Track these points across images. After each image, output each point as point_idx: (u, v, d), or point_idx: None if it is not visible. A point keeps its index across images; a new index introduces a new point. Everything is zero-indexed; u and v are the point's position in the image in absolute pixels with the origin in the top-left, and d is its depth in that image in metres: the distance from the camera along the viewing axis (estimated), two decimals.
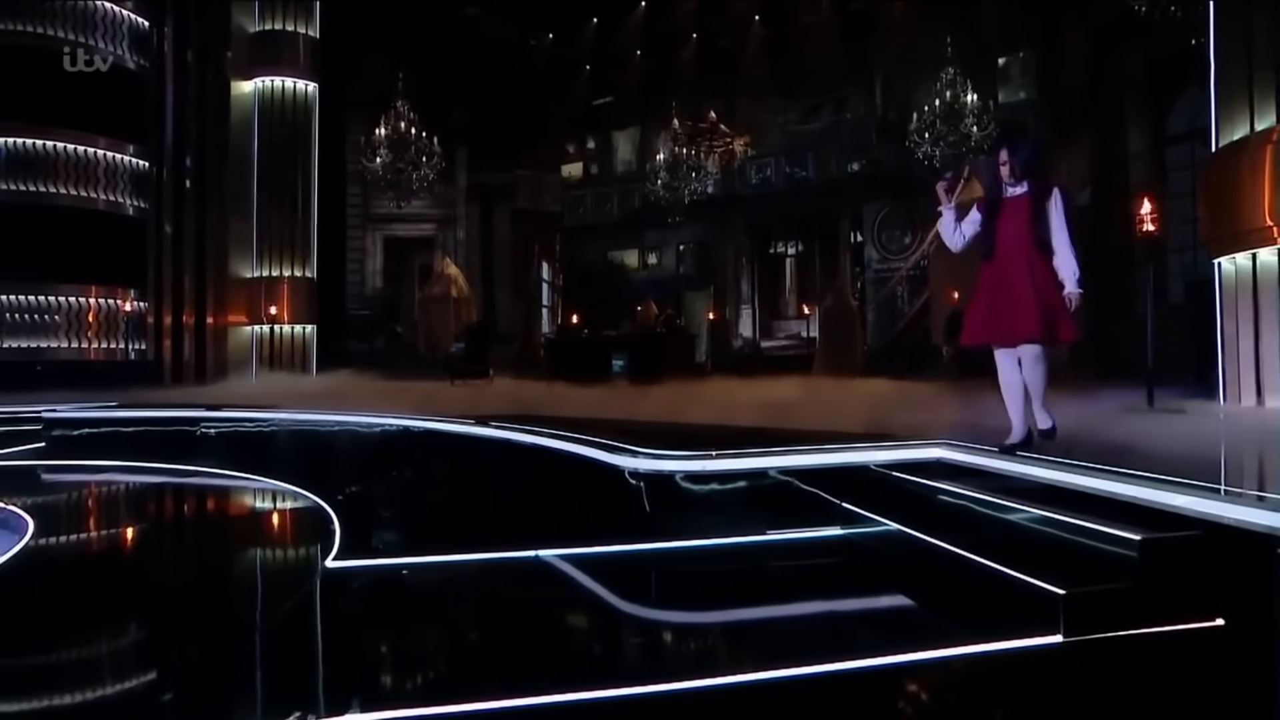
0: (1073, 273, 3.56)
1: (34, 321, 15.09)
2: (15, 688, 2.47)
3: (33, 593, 3.37)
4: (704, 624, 2.91)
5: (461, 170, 20.31)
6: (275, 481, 5.62)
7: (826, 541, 3.51)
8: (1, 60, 14.91)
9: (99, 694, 2.48)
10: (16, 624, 2.96)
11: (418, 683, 2.43)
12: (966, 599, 2.74)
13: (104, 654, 2.83)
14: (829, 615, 2.93)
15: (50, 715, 2.28)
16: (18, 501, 4.74)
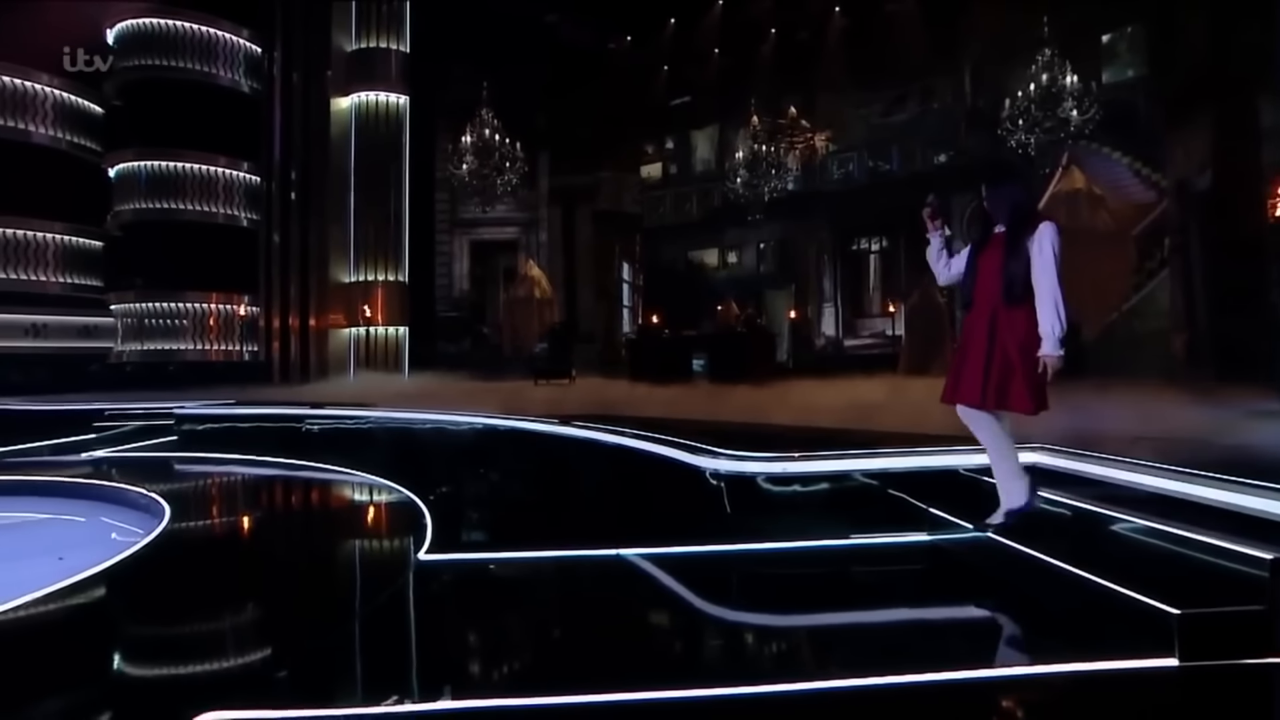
0: (1050, 329, 2.96)
1: (167, 326, 16.60)
2: (154, 654, 2.80)
3: (170, 570, 3.70)
4: (785, 627, 2.86)
5: (543, 174, 20.75)
6: (371, 476, 5.91)
7: (913, 547, 3.38)
8: (141, 93, 16.58)
9: (221, 665, 2.71)
10: (157, 597, 3.34)
11: (502, 674, 2.51)
12: (1066, 614, 2.59)
13: (226, 629, 3.08)
14: (916, 624, 2.82)
15: (181, 681, 2.50)
16: (157, 488, 5.22)
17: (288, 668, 2.45)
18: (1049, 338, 2.96)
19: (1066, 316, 2.97)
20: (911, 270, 17.81)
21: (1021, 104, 13.09)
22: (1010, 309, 3.04)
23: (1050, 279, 2.98)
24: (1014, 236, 3.08)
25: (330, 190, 16.46)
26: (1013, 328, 3.05)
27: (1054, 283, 2.97)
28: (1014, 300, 3.03)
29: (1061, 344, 2.97)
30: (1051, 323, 2.96)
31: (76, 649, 2.79)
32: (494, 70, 17.42)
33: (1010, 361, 3.04)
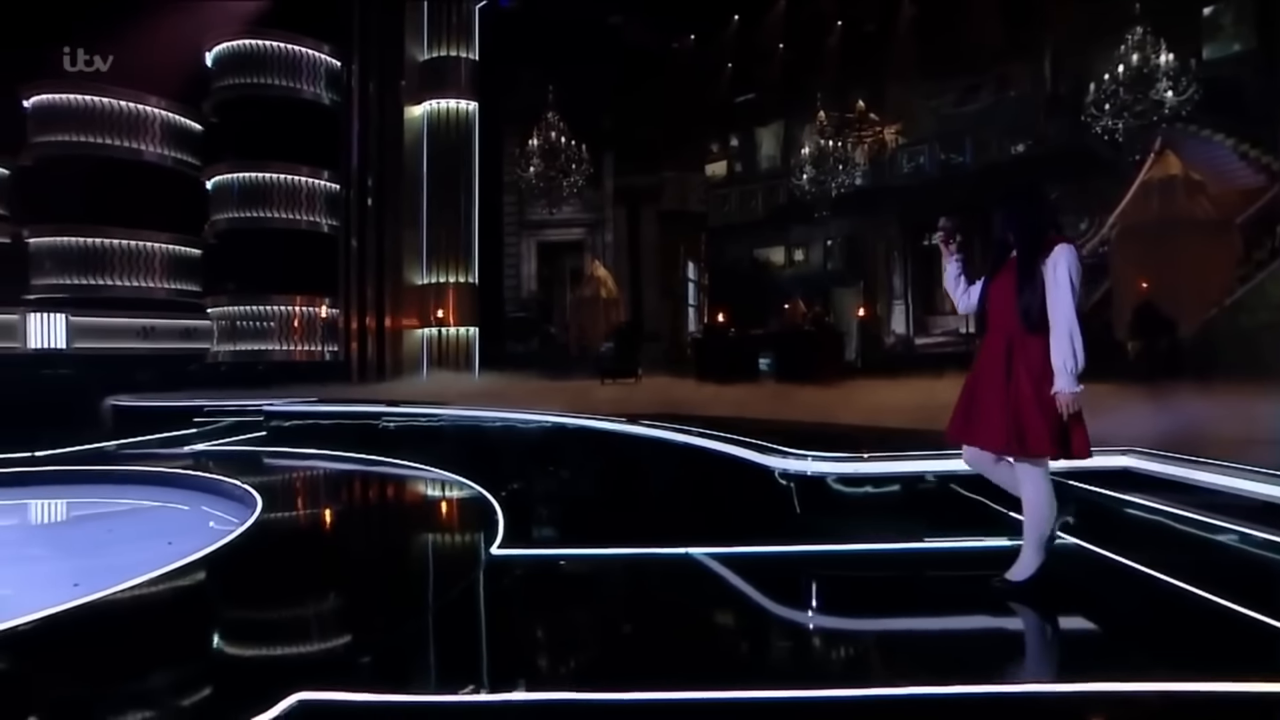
0: (1062, 364, 2.69)
1: (256, 328, 17.69)
2: (249, 635, 2.99)
3: (262, 558, 3.93)
4: (856, 631, 2.83)
5: (609, 175, 20.93)
6: (445, 472, 6.11)
7: (992, 552, 3.27)
8: (235, 109, 17.76)
9: (308, 649, 2.87)
10: (251, 583, 3.56)
11: (571, 668, 2.55)
12: (1161, 627, 2.47)
13: (313, 615, 3.26)
14: (996, 632, 2.73)
15: (273, 662, 2.67)
16: (249, 481, 5.55)
17: (370, 654, 2.57)
18: (1061, 372, 2.70)
19: (1084, 347, 2.70)
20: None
21: (1109, 87, 12.37)
22: (1027, 339, 2.79)
23: (1065, 307, 2.73)
24: (1027, 260, 2.84)
25: (404, 195, 17.06)
26: (1028, 360, 2.78)
27: (1069, 311, 2.72)
28: (1032, 329, 2.78)
29: (1077, 379, 2.70)
30: (1065, 356, 2.70)
31: (182, 627, 3.01)
32: (559, 74, 17.69)
33: (1025, 399, 2.76)
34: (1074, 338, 2.70)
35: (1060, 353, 2.71)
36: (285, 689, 2.07)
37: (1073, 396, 2.70)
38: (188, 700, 2.35)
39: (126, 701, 2.27)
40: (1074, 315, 2.72)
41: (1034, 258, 2.81)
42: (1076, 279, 2.75)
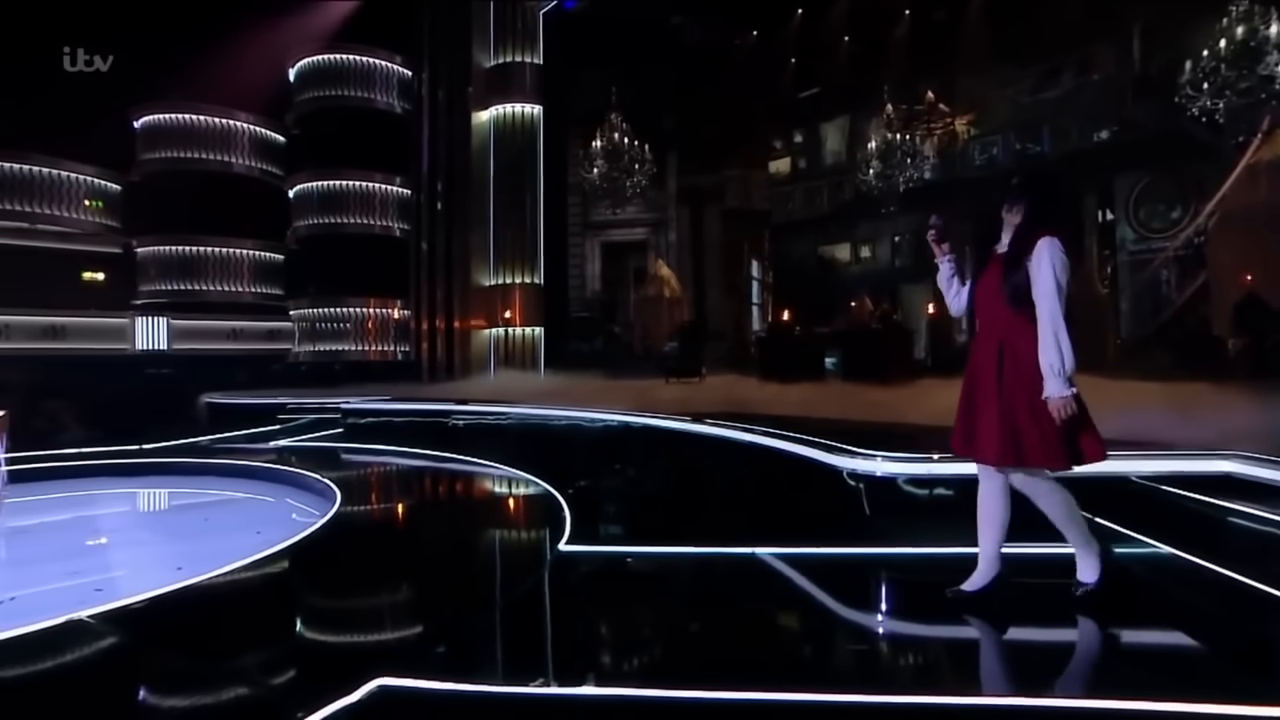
0: (1049, 365, 2.52)
1: (333, 329, 18.57)
2: (330, 621, 3.15)
3: (341, 548, 4.12)
4: (925, 637, 2.76)
5: (672, 175, 20.94)
6: (513, 469, 6.25)
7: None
8: (314, 121, 18.72)
9: (384, 636, 3.00)
10: (332, 571, 3.75)
11: (635, 665, 2.59)
12: (1271, 647, 2.31)
13: (389, 605, 3.40)
14: (1078, 644, 2.62)
15: (351, 648, 2.80)
16: (329, 475, 5.83)
17: (444, 644, 2.67)
18: (1049, 376, 2.52)
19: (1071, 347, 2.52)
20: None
21: (1208, 64, 11.52)
22: (1017, 341, 2.63)
23: (1050, 304, 2.54)
24: (1015, 254, 2.67)
25: (472, 199, 17.51)
26: (1019, 364, 2.61)
27: (1055, 310, 2.53)
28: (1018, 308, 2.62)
29: (1069, 382, 2.51)
30: (1051, 358, 2.52)
31: (271, 610, 3.20)
32: (622, 75, 17.82)
33: (1019, 407, 2.59)
34: (1060, 338, 2.52)
35: (1046, 355, 2.53)
36: (366, 674, 2.17)
37: (1063, 401, 2.51)
38: (277, 679, 2.50)
39: (222, 677, 2.43)
40: (1059, 314, 2.54)
41: (1022, 251, 2.64)
42: (1062, 275, 2.57)
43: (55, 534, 4.84)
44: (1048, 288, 2.55)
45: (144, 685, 2.41)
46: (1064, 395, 2.51)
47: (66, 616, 2.74)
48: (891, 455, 3.79)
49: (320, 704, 2.03)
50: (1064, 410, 2.51)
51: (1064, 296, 2.55)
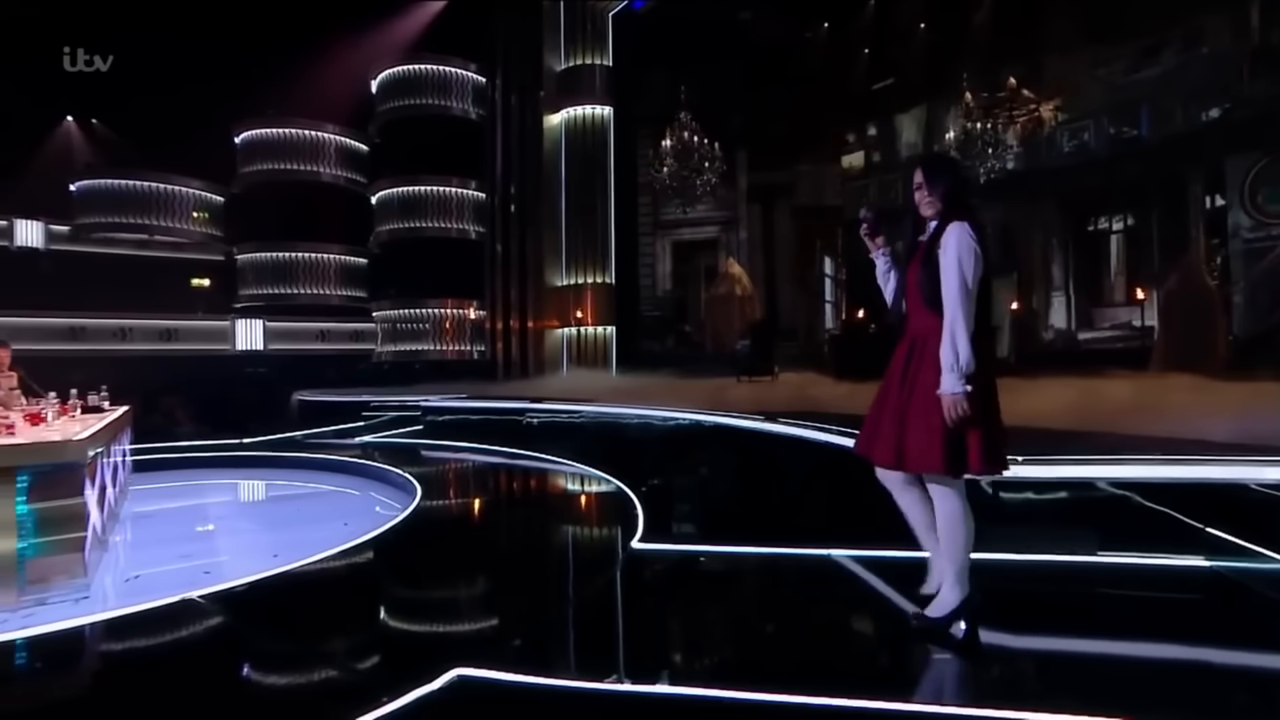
0: (947, 360, 2.34)
1: (413, 330, 19.34)
2: (412, 611, 3.29)
3: (422, 541, 4.30)
4: (1011, 648, 2.64)
5: (742, 172, 20.76)
6: (586, 467, 6.35)
7: (1184, 573, 2.93)
8: (395, 129, 19.58)
9: (462, 627, 3.11)
10: (414, 563, 3.90)
11: (708, 665, 2.59)
12: None
13: (468, 597, 3.52)
14: (1187, 664, 2.44)
15: (432, 638, 2.92)
16: (409, 470, 6.08)
17: (520, 637, 2.74)
18: (944, 370, 2.34)
19: (969, 343, 2.32)
20: (1167, 250, 15.33)
21: None
22: (929, 340, 2.44)
23: (953, 294, 2.35)
24: (929, 244, 2.49)
25: (544, 201, 17.84)
26: (925, 363, 2.43)
27: (955, 301, 2.34)
28: (931, 321, 2.42)
29: (966, 379, 2.31)
30: (946, 351, 2.34)
31: (357, 598, 3.37)
32: (691, 74, 17.79)
33: (912, 407, 2.42)
34: (957, 331, 2.33)
35: (944, 348, 2.35)
36: (446, 664, 2.27)
37: (954, 399, 2.32)
38: (362, 664, 2.63)
39: (313, 659, 2.58)
40: (961, 306, 2.34)
41: (936, 240, 2.47)
42: (969, 264, 2.37)
43: (170, 520, 5.24)
44: (950, 277, 2.37)
45: (243, 662, 2.59)
46: (955, 393, 2.33)
47: (180, 596, 2.98)
48: None
49: (403, 690, 2.13)
50: (955, 409, 2.33)
51: (968, 286, 2.37)
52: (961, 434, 2.35)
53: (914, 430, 2.42)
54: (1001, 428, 2.46)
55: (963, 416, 2.32)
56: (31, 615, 3.09)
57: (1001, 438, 2.45)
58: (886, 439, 2.49)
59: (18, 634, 2.73)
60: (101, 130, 23.18)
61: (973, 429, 2.35)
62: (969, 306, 2.35)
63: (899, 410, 2.47)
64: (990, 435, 2.39)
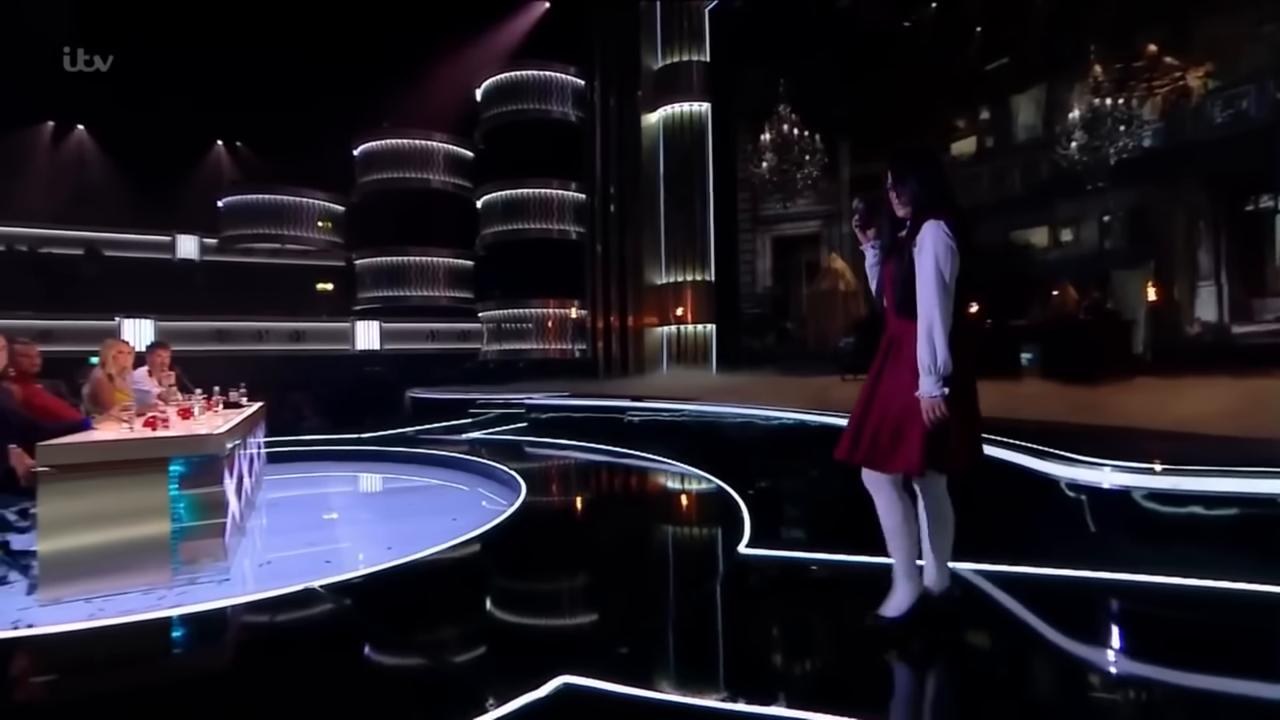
0: (924, 364, 2.29)
1: (517, 329, 19.97)
2: (517, 611, 3.32)
3: (526, 538, 4.36)
4: (1153, 680, 2.37)
5: (845, 164, 20.09)
6: (689, 467, 6.27)
7: None
8: (498, 135, 20.32)
9: (567, 629, 3.10)
10: (518, 560, 3.96)
11: (823, 684, 2.46)
12: None
13: (572, 600, 3.52)
14: None
15: (538, 640, 2.92)
16: (514, 467, 6.21)
17: (625, 644, 2.68)
18: (922, 373, 2.30)
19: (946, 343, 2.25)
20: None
21: None
22: (905, 337, 2.39)
23: (928, 294, 2.30)
24: (906, 242, 2.42)
25: (643, 199, 17.92)
26: (899, 360, 2.40)
27: (931, 301, 2.29)
28: (906, 322, 2.38)
29: (942, 382, 2.26)
30: (922, 353, 2.29)
31: (464, 592, 3.44)
32: (790, 66, 17.37)
33: (889, 405, 2.39)
34: (934, 333, 2.28)
35: (920, 349, 2.31)
36: (552, 670, 2.24)
37: (931, 403, 2.28)
38: (469, 663, 2.66)
39: (422, 654, 2.64)
40: (935, 306, 2.29)
41: (911, 236, 2.41)
42: (945, 263, 2.31)
43: (298, 508, 5.60)
44: (926, 276, 2.32)
45: (355, 653, 2.69)
46: (933, 396, 2.29)
47: (303, 584, 3.15)
48: (1125, 465, 3.28)
49: (509, 696, 2.13)
50: (933, 412, 2.29)
51: (945, 286, 2.31)
52: (941, 433, 2.34)
53: (886, 430, 2.41)
54: (973, 426, 2.46)
55: (941, 419, 2.30)
56: (184, 593, 3.35)
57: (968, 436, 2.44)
58: (863, 439, 2.49)
59: (161, 613, 2.99)
60: (244, 151, 25.52)
61: (951, 429, 2.33)
62: (946, 306, 2.31)
63: (876, 410, 2.46)
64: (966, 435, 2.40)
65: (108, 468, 3.31)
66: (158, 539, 3.38)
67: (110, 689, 2.45)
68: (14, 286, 19.07)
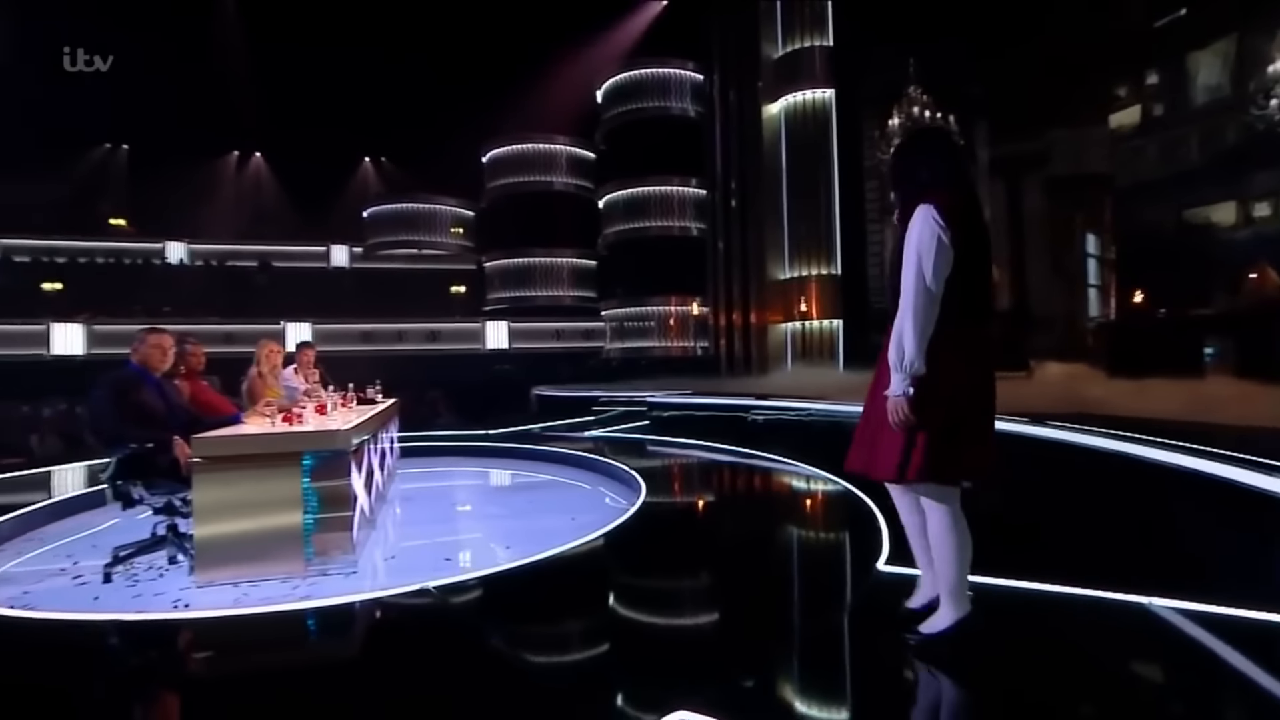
0: (893, 362, 2.16)
1: (639, 327, 20.16)
2: (629, 626, 3.13)
3: (646, 542, 4.20)
4: None
5: (982, 146, 18.65)
6: (819, 470, 5.90)
7: None
8: (619, 135, 20.60)
9: (680, 643, 2.88)
10: (637, 564, 3.83)
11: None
12: None
13: (690, 617, 3.30)
14: None
15: (654, 662, 2.72)
16: (635, 466, 6.10)
17: (750, 676, 2.43)
18: (892, 370, 2.18)
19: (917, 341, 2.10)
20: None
21: None
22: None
23: (907, 288, 2.16)
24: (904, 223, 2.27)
25: (765, 193, 17.47)
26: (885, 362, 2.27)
27: (909, 294, 2.15)
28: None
29: (910, 380, 2.13)
30: (893, 349, 2.18)
31: (580, 604, 3.29)
32: (921, 44, 16.32)
33: (883, 409, 2.24)
34: (905, 327, 2.14)
35: (891, 346, 2.19)
36: (669, 704, 2.04)
37: (894, 403, 2.16)
38: (582, 683, 2.51)
39: (534, 671, 2.52)
40: (913, 301, 2.14)
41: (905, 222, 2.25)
42: (929, 254, 2.14)
43: (426, 503, 5.76)
44: (907, 268, 2.18)
45: (465, 662, 2.60)
46: (897, 395, 2.16)
47: (419, 584, 3.14)
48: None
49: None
50: (896, 413, 2.18)
51: (927, 280, 2.14)
52: (911, 439, 2.18)
53: (884, 435, 2.28)
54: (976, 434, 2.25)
55: (904, 421, 2.16)
56: (315, 584, 3.45)
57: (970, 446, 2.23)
58: (857, 444, 2.40)
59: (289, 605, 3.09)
60: (387, 165, 27.64)
61: (921, 433, 2.17)
62: (923, 301, 2.14)
63: (871, 414, 2.35)
64: (945, 442, 2.18)
65: (247, 460, 3.47)
66: (292, 529, 3.50)
67: (235, 672, 2.56)
68: (206, 296, 21.63)
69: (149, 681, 2.51)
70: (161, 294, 21.60)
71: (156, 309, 20.37)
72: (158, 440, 3.70)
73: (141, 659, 2.68)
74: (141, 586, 3.54)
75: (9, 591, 3.54)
